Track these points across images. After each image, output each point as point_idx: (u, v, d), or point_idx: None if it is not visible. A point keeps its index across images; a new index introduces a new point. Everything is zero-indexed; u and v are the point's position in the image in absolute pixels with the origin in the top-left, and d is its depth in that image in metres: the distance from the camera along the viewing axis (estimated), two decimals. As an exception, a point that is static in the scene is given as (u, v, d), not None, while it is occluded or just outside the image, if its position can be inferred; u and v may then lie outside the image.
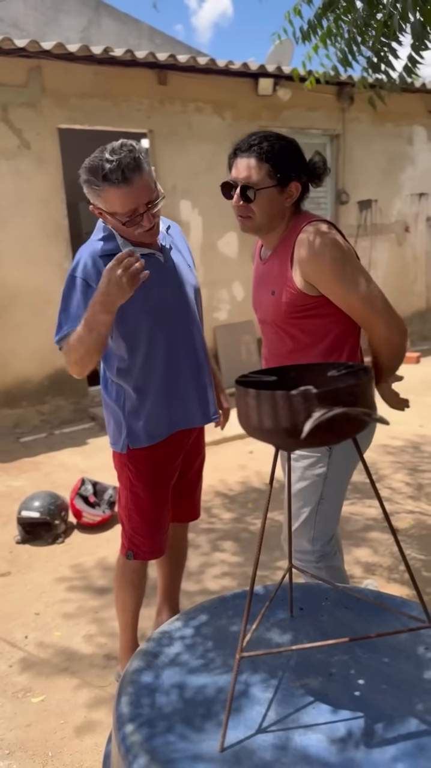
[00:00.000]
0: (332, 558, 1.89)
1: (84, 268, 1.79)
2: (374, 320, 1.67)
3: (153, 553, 2.05)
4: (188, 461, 2.11)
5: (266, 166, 1.67)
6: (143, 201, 1.71)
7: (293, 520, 1.82)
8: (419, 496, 3.67)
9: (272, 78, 6.06)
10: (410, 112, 7.50)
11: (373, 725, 1.02)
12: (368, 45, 2.16)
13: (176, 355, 1.92)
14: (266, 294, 1.80)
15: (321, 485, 1.79)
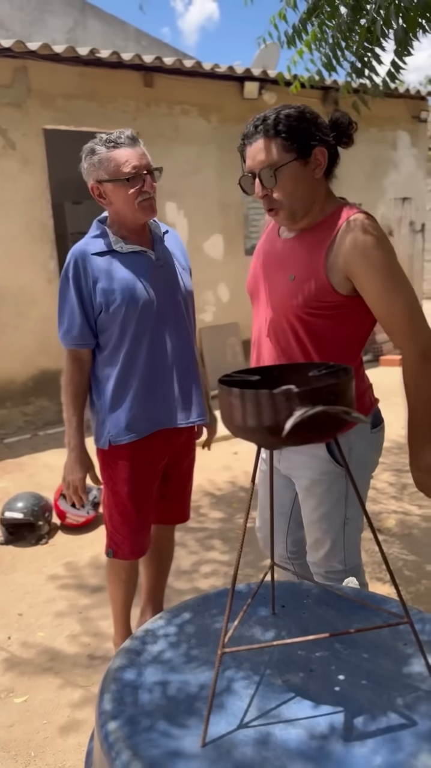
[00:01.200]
0: (362, 571, 1.80)
1: (74, 269, 1.87)
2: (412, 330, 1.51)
3: (133, 553, 2.06)
4: (175, 463, 2.12)
5: (279, 141, 1.44)
6: (145, 163, 1.84)
7: (319, 546, 1.73)
8: (402, 496, 3.71)
9: (257, 81, 6.10)
10: (394, 117, 7.59)
11: (353, 719, 1.03)
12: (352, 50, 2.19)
13: (160, 355, 1.94)
14: (282, 277, 1.57)
15: (344, 507, 1.66)
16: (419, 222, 8.35)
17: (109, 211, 1.94)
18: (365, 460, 1.68)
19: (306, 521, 1.74)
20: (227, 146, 6.23)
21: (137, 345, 1.91)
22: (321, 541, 1.71)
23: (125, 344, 1.91)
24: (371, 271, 1.46)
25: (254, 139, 1.48)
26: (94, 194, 1.88)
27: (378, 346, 7.57)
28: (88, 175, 1.87)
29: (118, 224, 1.92)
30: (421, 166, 8.28)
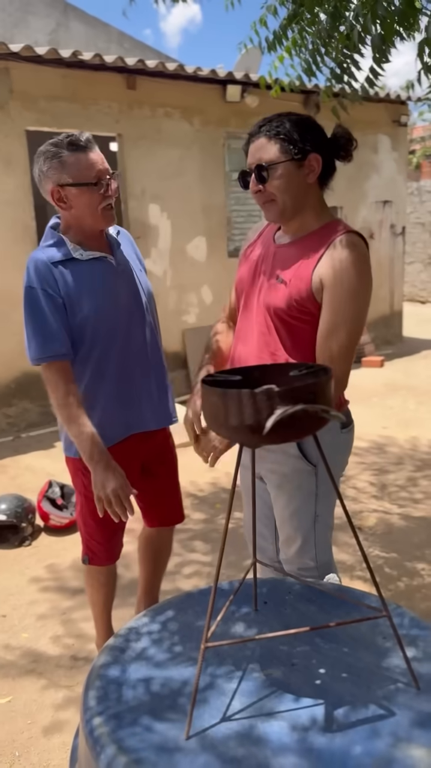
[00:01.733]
0: (333, 567, 1.85)
1: (38, 277, 1.79)
2: (332, 362, 1.57)
3: (108, 559, 2.06)
4: (156, 465, 2.11)
5: (278, 141, 1.55)
6: (106, 168, 1.81)
7: (291, 543, 1.77)
8: (382, 495, 3.75)
9: (240, 85, 6.13)
10: (375, 121, 7.67)
11: (333, 712, 1.06)
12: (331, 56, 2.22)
13: (129, 358, 1.93)
14: (272, 279, 1.67)
15: (314, 504, 1.72)
16: (399, 225, 8.44)
17: (65, 217, 1.87)
18: (334, 459, 1.71)
19: (278, 518, 1.78)
20: (209, 149, 6.26)
21: (105, 353, 1.88)
22: (293, 537, 1.76)
23: (93, 353, 1.87)
24: (336, 287, 1.55)
25: (256, 138, 1.59)
26: (53, 198, 1.81)
27: (359, 348, 7.64)
28: (46, 178, 1.79)
29: (74, 230, 1.87)
30: (402, 170, 8.37)
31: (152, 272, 5.87)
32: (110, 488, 1.75)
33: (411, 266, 12.98)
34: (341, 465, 1.80)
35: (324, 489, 1.70)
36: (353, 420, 1.79)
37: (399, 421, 5.20)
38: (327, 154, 1.60)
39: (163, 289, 5.96)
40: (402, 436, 4.84)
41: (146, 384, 1.98)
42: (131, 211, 5.76)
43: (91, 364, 1.88)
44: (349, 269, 1.53)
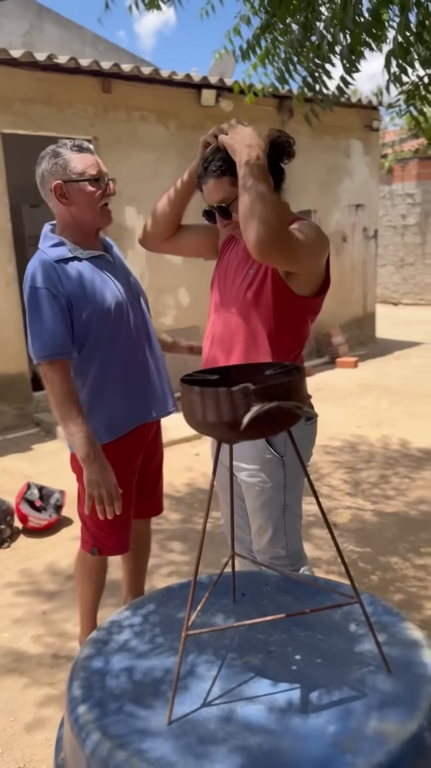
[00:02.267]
0: (304, 557, 1.91)
1: (44, 277, 1.85)
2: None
3: (119, 549, 2.11)
4: (147, 458, 2.17)
5: (225, 179, 1.66)
6: (105, 170, 1.92)
7: (262, 533, 1.84)
8: (356, 492, 3.83)
9: (214, 89, 6.19)
10: (347, 126, 7.79)
11: (308, 695, 1.11)
12: (303, 65, 2.29)
13: (133, 351, 2.00)
14: (242, 272, 1.78)
15: (283, 494, 1.80)
16: (372, 228, 8.58)
17: (64, 215, 1.94)
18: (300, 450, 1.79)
19: (249, 510, 1.86)
20: (185, 152, 6.30)
21: (111, 348, 1.95)
22: (264, 528, 1.84)
23: (99, 349, 1.93)
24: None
25: (205, 180, 1.70)
26: (56, 194, 1.88)
27: (334, 349, 7.75)
28: (50, 176, 1.89)
29: (71, 229, 1.94)
30: (374, 174, 8.51)
31: (128, 274, 5.89)
32: (105, 487, 1.81)
33: (383, 269, 13.18)
34: (306, 456, 1.89)
35: (291, 479, 1.80)
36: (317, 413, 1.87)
37: (372, 421, 5.30)
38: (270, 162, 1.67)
39: (139, 292, 5.99)
40: (375, 435, 4.94)
41: (150, 374, 2.05)
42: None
43: (98, 357, 1.94)
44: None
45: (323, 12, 2.19)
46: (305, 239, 1.60)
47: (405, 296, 13.19)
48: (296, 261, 1.61)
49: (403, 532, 3.29)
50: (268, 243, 1.51)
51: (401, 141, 13.71)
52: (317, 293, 1.74)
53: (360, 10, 1.94)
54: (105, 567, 2.19)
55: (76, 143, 1.91)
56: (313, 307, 1.77)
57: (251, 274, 1.74)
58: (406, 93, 2.23)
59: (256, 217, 1.51)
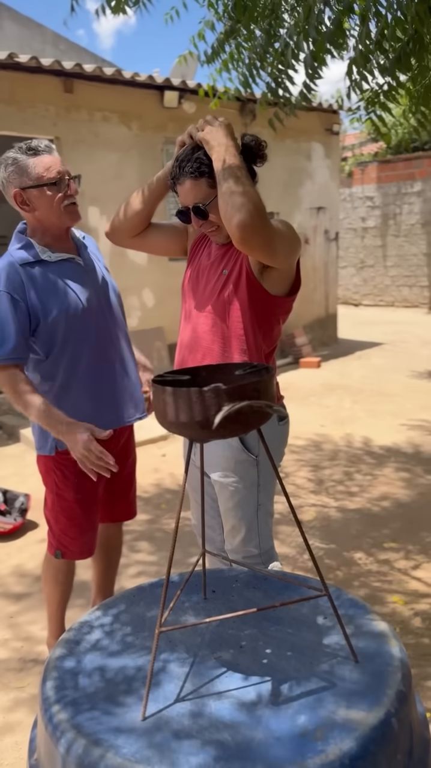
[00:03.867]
0: (274, 555, 1.93)
1: (7, 280, 1.84)
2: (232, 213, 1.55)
3: (82, 554, 2.10)
4: (118, 462, 2.13)
5: (203, 180, 1.68)
6: (66, 169, 1.89)
7: (235, 532, 1.85)
8: (320, 490, 3.90)
9: (177, 91, 6.21)
10: (308, 129, 7.89)
11: (279, 687, 1.14)
12: (267, 71, 2.33)
13: (102, 355, 1.99)
14: (216, 273, 1.79)
15: (256, 493, 1.82)
16: (333, 230, 8.71)
17: (30, 220, 1.93)
18: (273, 450, 1.82)
19: (222, 510, 1.88)
20: (148, 153, 6.30)
21: (77, 353, 1.94)
22: (237, 527, 1.85)
23: (65, 353, 1.92)
24: None
25: (181, 180, 1.71)
26: (16, 202, 1.88)
27: (297, 349, 7.84)
28: (8, 184, 1.87)
29: (41, 232, 1.93)
30: (334, 177, 8.65)
31: (91, 276, 5.86)
32: (82, 444, 1.79)
33: (344, 270, 13.39)
34: (278, 455, 1.91)
35: (264, 478, 1.81)
36: (288, 414, 1.90)
37: (335, 420, 5.39)
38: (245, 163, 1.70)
39: (103, 293, 5.96)
40: (338, 433, 5.02)
41: (119, 380, 2.04)
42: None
43: (64, 363, 1.93)
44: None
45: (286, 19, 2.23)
46: (282, 232, 1.63)
47: (366, 297, 13.42)
48: (275, 251, 1.61)
49: (366, 527, 3.36)
50: (251, 226, 1.52)
51: (361, 144, 13.94)
52: (289, 293, 1.78)
53: (323, 18, 1.99)
54: (72, 569, 2.18)
55: (31, 145, 1.87)
56: (285, 307, 1.81)
57: (225, 273, 1.76)
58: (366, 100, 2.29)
59: (239, 200, 1.52)
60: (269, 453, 1.11)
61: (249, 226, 1.51)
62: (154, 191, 1.84)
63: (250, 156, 1.72)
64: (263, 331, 1.77)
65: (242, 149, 1.70)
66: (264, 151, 1.74)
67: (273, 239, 1.58)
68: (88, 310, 1.95)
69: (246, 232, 1.52)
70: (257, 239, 1.55)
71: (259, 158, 1.74)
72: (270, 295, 1.74)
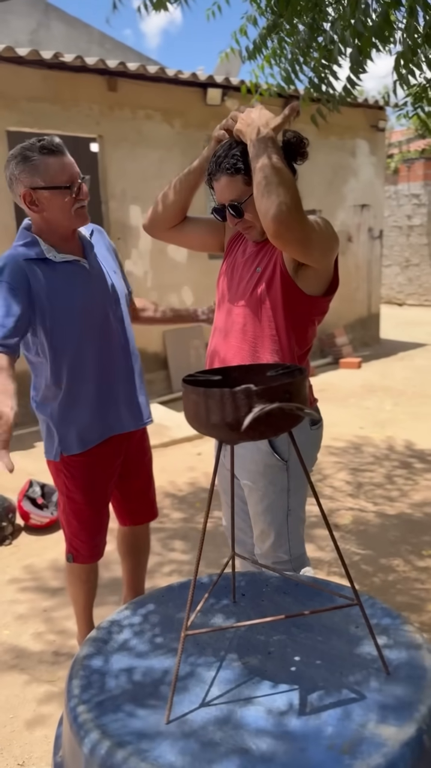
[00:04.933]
0: (306, 560, 1.90)
1: (10, 273, 1.79)
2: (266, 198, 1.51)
3: (92, 557, 2.09)
4: (133, 464, 2.15)
5: (239, 177, 1.65)
6: (78, 171, 1.83)
7: (265, 537, 1.83)
8: (358, 494, 3.83)
9: (220, 88, 6.19)
10: (353, 126, 7.78)
11: (307, 696, 1.11)
12: (310, 66, 2.28)
13: (105, 360, 1.95)
14: (250, 270, 1.76)
15: (286, 498, 1.78)
16: (377, 228, 8.57)
17: (36, 220, 1.88)
18: (304, 455, 1.77)
19: (252, 514, 1.85)
20: (190, 151, 6.30)
21: (80, 356, 1.90)
22: (266, 532, 1.82)
23: (66, 356, 1.88)
24: None
25: (217, 176, 1.68)
26: (25, 201, 1.81)
27: (337, 349, 7.74)
28: (17, 182, 1.80)
29: (47, 232, 1.88)
30: (379, 174, 8.50)
31: (132, 273, 5.90)
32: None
33: (388, 269, 13.16)
34: (311, 461, 1.87)
35: (295, 484, 1.77)
36: (322, 417, 1.85)
37: (376, 422, 5.29)
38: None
39: (143, 290, 6.00)
40: (378, 436, 4.93)
41: (122, 386, 2.01)
42: (111, 212, 5.79)
43: (66, 367, 1.89)
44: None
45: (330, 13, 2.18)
46: (320, 229, 1.58)
47: (410, 297, 13.17)
48: (310, 247, 1.56)
49: (406, 534, 3.29)
50: (286, 220, 1.47)
51: (407, 141, 13.66)
52: (326, 293, 1.73)
53: (369, 11, 1.94)
54: (94, 570, 2.17)
55: (45, 144, 1.78)
56: (321, 308, 1.75)
57: (258, 271, 1.72)
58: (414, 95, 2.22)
59: (273, 192, 1.47)
60: (301, 458, 1.08)
61: (283, 219, 1.47)
62: (189, 181, 1.81)
63: (291, 153, 1.67)
64: (297, 332, 1.72)
65: (283, 146, 1.65)
66: (306, 148, 1.68)
67: (309, 235, 1.53)
68: (90, 314, 1.90)
69: (281, 226, 1.48)
70: (292, 234, 1.50)
71: (299, 156, 1.69)
72: (305, 295, 1.69)
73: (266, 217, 1.48)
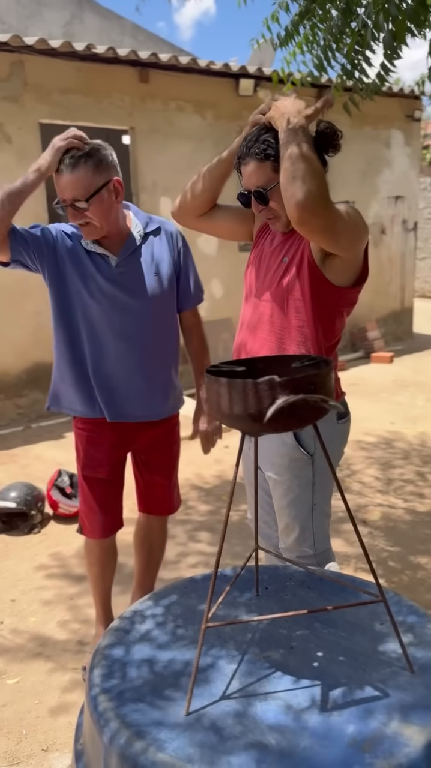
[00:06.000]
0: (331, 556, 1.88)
1: (45, 227, 1.95)
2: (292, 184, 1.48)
3: (93, 533, 2.14)
4: (152, 453, 2.16)
5: (268, 164, 1.62)
6: (67, 195, 1.83)
7: (289, 531, 1.81)
8: (388, 490, 3.78)
9: (253, 79, 6.13)
10: (388, 116, 7.64)
11: (329, 692, 1.09)
12: (343, 52, 2.24)
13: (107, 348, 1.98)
14: (277, 261, 1.73)
15: (311, 493, 1.76)
16: (411, 220, 8.42)
17: None
18: (331, 449, 1.74)
19: (276, 507, 1.83)
20: (222, 143, 6.26)
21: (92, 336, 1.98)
22: (291, 526, 1.80)
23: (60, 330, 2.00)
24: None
25: (246, 160, 1.66)
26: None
27: (369, 343, 7.64)
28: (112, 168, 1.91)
29: None
30: (414, 165, 8.34)
31: (162, 265, 5.90)
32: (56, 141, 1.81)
33: (422, 262, 12.94)
34: (337, 455, 1.84)
35: (320, 478, 1.75)
36: (349, 411, 1.82)
37: (407, 417, 5.21)
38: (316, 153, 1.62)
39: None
40: (410, 431, 4.85)
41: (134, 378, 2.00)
42: (142, 204, 5.80)
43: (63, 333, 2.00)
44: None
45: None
46: (347, 217, 1.54)
47: (445, 291, 12.93)
48: (337, 236, 1.52)
49: (435, 531, 3.23)
50: (311, 206, 1.43)
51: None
52: (355, 284, 1.69)
53: (403, -6, 1.88)
54: (110, 549, 2.20)
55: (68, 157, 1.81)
56: (349, 299, 1.71)
57: (285, 261, 1.69)
58: (449, 81, 2.16)
59: (299, 178, 1.44)
60: (325, 451, 1.06)
61: (309, 205, 1.43)
62: (219, 169, 1.79)
63: (323, 144, 1.63)
64: (325, 324, 1.69)
65: (316, 136, 1.62)
66: (339, 140, 1.65)
67: (335, 222, 1.49)
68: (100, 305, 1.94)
69: (306, 212, 1.44)
70: (317, 220, 1.46)
71: (332, 147, 1.65)
72: (333, 286, 1.65)
73: (291, 203, 1.45)
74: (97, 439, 2.06)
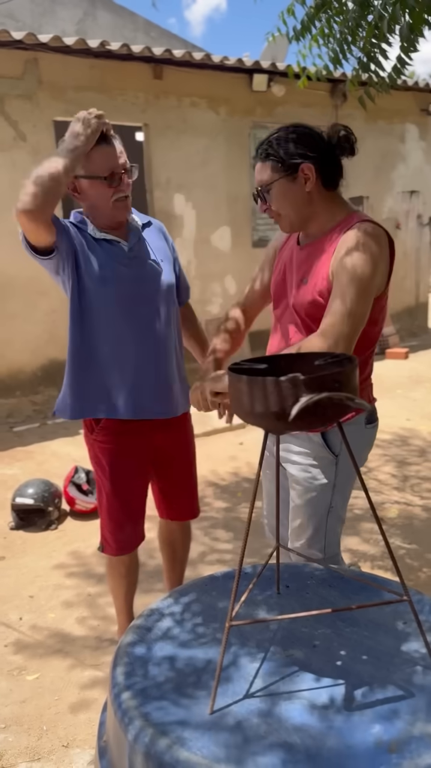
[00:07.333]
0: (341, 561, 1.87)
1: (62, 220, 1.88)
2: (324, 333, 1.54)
3: (120, 550, 2.08)
4: (169, 458, 2.11)
5: (269, 162, 1.64)
6: (120, 162, 1.82)
7: (301, 531, 1.79)
8: (404, 487, 3.75)
9: (266, 74, 6.10)
10: (402, 110, 7.58)
11: (353, 692, 1.08)
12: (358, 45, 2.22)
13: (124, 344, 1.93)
14: (297, 280, 1.71)
15: (330, 494, 1.74)
16: (426, 215, 8.34)
17: (83, 206, 1.92)
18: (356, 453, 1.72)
19: (292, 505, 1.80)
20: (235, 138, 6.25)
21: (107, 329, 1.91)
22: (304, 526, 1.78)
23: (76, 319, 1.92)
24: (343, 273, 1.55)
25: (256, 160, 1.69)
26: (68, 188, 1.83)
27: (383, 339, 7.59)
28: None
29: (92, 217, 1.91)
30: (429, 160, 8.27)
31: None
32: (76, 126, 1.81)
33: (437, 257, 12.82)
34: (361, 461, 1.82)
35: (341, 480, 1.73)
36: (378, 418, 1.80)
37: (423, 414, 5.18)
38: (324, 157, 1.64)
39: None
40: (426, 428, 4.82)
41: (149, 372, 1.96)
42: (156, 200, 5.79)
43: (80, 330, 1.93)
44: (353, 253, 1.56)
45: (381, -12, 2.11)
46: (354, 317, 1.54)
47: (460, 286, 12.81)
48: (364, 316, 1.58)
49: (453, 528, 3.21)
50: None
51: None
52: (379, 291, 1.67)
53: (421, -14, 1.86)
54: (134, 562, 2.16)
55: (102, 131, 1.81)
56: (379, 305, 1.69)
57: (305, 282, 1.67)
58: (467, 74, 2.14)
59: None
60: (350, 452, 1.05)
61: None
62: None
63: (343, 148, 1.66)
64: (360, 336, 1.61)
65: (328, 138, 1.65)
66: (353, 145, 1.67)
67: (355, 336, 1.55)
68: (124, 294, 1.90)
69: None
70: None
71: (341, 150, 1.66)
72: None
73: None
74: (119, 449, 1.99)
